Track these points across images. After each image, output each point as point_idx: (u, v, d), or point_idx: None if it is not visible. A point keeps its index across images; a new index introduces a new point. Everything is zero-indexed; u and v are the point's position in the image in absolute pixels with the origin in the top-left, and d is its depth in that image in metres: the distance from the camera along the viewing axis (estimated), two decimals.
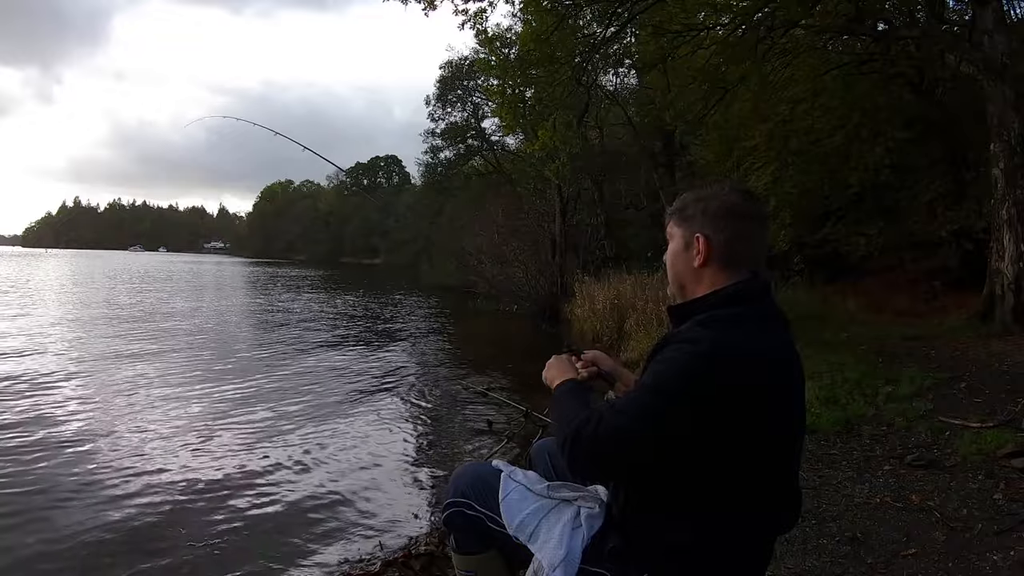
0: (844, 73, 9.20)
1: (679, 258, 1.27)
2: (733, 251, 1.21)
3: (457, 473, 1.53)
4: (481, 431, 5.55)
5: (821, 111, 9.13)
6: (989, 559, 2.27)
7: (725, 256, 1.21)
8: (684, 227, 1.26)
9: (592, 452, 1.11)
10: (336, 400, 6.59)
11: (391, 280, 33.48)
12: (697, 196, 1.27)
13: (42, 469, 4.30)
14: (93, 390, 6.61)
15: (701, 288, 1.23)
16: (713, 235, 1.22)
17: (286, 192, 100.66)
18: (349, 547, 3.35)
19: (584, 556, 1.23)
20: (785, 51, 8.48)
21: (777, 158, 9.38)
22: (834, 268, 10.74)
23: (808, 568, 2.32)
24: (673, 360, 1.10)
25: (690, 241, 1.24)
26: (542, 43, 8.56)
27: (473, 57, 24.51)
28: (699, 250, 1.22)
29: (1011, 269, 6.23)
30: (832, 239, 10.42)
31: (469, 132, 29.87)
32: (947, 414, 3.78)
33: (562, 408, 1.26)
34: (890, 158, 8.94)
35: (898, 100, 9.64)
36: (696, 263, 1.23)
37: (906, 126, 9.27)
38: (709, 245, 1.21)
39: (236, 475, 4.31)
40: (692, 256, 1.24)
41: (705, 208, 1.24)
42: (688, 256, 1.25)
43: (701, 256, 1.22)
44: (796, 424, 1.20)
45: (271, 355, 9.28)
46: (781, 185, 9.32)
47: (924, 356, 5.47)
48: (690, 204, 1.27)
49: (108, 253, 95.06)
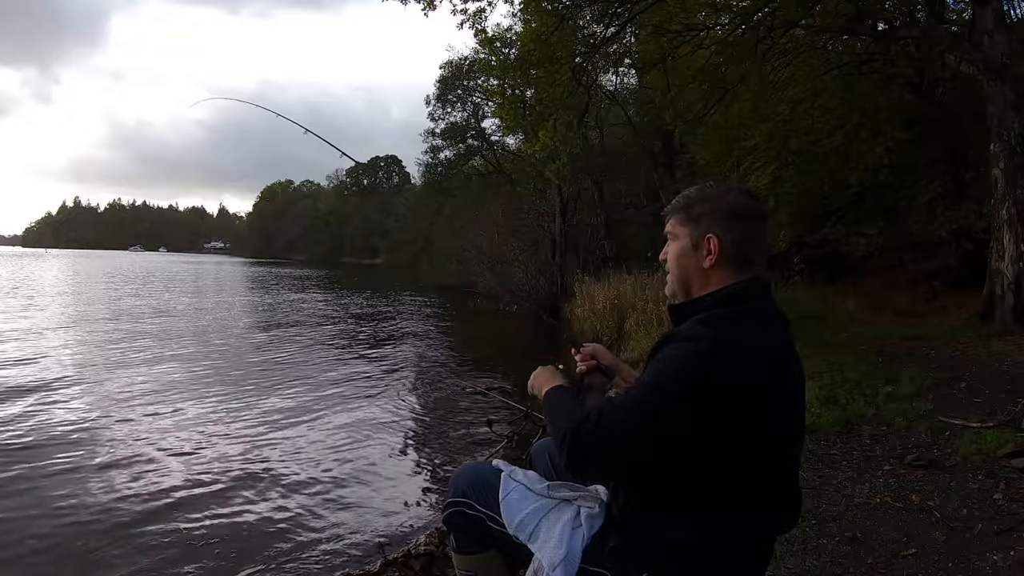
0: (844, 73, 9.20)
1: (687, 258, 1.25)
2: (741, 251, 1.20)
3: (457, 473, 1.53)
4: (481, 431, 5.55)
5: (821, 111, 9.13)
6: (989, 559, 2.26)
7: (733, 256, 1.20)
8: (692, 226, 1.24)
9: (592, 448, 1.10)
10: (335, 400, 6.59)
11: (391, 280, 33.47)
12: (704, 195, 1.25)
13: (42, 469, 4.30)
14: (94, 391, 6.61)
15: (706, 288, 1.22)
16: (723, 235, 1.20)
17: (286, 192, 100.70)
18: (349, 547, 3.35)
19: (584, 556, 1.22)
20: (785, 51, 8.48)
21: (777, 158, 9.38)
22: (834, 268, 10.74)
23: (808, 568, 2.32)
24: (673, 358, 1.10)
25: (699, 242, 1.22)
26: (542, 43, 8.57)
27: (473, 57, 24.54)
28: (710, 251, 1.21)
29: (1011, 269, 6.23)
30: (832, 239, 10.41)
31: (469, 132, 29.85)
32: (947, 414, 3.78)
33: (556, 408, 1.25)
34: (890, 158, 8.94)
35: (898, 100, 9.64)
36: (707, 264, 1.21)
37: (906, 126, 9.27)
38: (720, 245, 1.20)
39: (235, 475, 4.31)
40: (701, 256, 1.22)
41: (714, 208, 1.22)
42: (697, 256, 1.23)
43: (713, 257, 1.20)
44: (796, 424, 1.20)
45: (270, 355, 9.28)
46: (781, 185, 9.33)
47: (924, 356, 5.47)
48: (697, 203, 1.25)
49: (108, 253, 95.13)
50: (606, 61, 12.80)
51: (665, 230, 1.30)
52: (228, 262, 70.23)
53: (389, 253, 55.89)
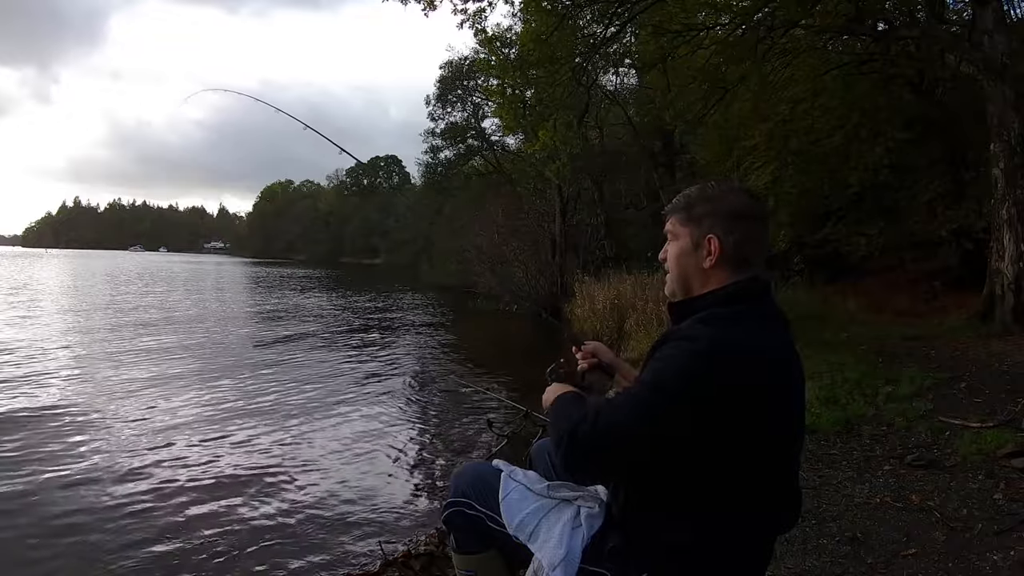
0: (844, 73, 9.20)
1: (688, 258, 1.25)
2: (741, 252, 1.20)
3: (457, 473, 1.53)
4: (481, 431, 5.55)
5: (821, 111, 9.13)
6: (989, 559, 2.26)
7: (734, 257, 1.20)
8: (692, 227, 1.24)
9: (589, 450, 1.09)
10: (335, 400, 6.59)
11: (391, 280, 33.46)
12: (705, 195, 1.25)
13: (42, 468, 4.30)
14: (92, 391, 6.62)
15: (707, 288, 1.22)
16: (724, 236, 1.20)
17: (286, 192, 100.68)
18: (349, 547, 3.35)
19: (584, 556, 1.22)
20: (785, 51, 8.48)
21: (777, 158, 9.38)
22: (834, 268, 10.74)
23: (808, 568, 2.32)
24: (672, 358, 1.09)
25: (700, 242, 1.23)
26: (542, 43, 8.57)
27: (473, 57, 24.53)
28: (710, 251, 1.21)
29: (1011, 269, 6.23)
30: (832, 239, 10.41)
31: (469, 132, 29.84)
32: (947, 414, 3.77)
33: (557, 411, 1.25)
34: (890, 158, 8.94)
35: (898, 100, 9.64)
36: (707, 264, 1.21)
37: (906, 126, 9.27)
38: (721, 246, 1.20)
39: (235, 474, 4.32)
40: (702, 257, 1.22)
41: (716, 209, 1.22)
42: (697, 256, 1.23)
43: (713, 257, 1.21)
44: (796, 424, 1.20)
45: (269, 355, 9.28)
46: (781, 185, 9.33)
47: (924, 356, 5.46)
48: (698, 203, 1.25)
49: (108, 253, 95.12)
50: (606, 61, 12.79)
51: (665, 229, 1.30)
52: (228, 262, 70.23)
53: (389, 253, 55.86)
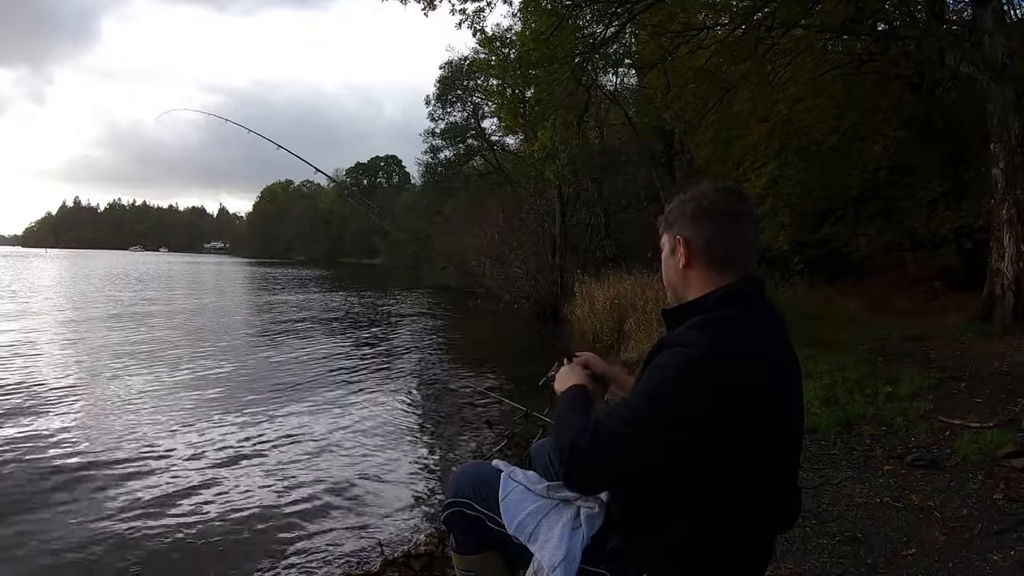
0: (844, 73, 9.20)
1: (667, 263, 1.28)
2: (714, 251, 1.20)
3: (457, 473, 1.53)
4: (481, 431, 5.55)
5: (821, 111, 9.13)
6: (989, 559, 2.26)
7: (707, 256, 1.20)
8: (668, 232, 1.27)
9: (588, 463, 1.10)
10: (335, 400, 6.59)
11: (391, 279, 33.49)
12: (680, 199, 1.27)
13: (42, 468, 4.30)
14: (91, 393, 6.61)
15: (691, 291, 1.22)
16: (692, 236, 1.21)
17: (286, 192, 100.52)
18: (349, 547, 3.35)
19: (584, 556, 1.22)
20: (785, 51, 8.49)
21: (777, 158, 9.38)
22: (834, 268, 10.74)
23: (808, 568, 2.31)
24: (668, 365, 1.09)
25: (674, 245, 1.25)
26: (542, 43, 8.57)
27: (473, 57, 24.52)
28: (680, 252, 1.22)
29: (1011, 269, 6.23)
30: (832, 239, 10.41)
31: (469, 132, 29.86)
32: (947, 414, 3.77)
33: (559, 418, 1.25)
34: (889, 158, 8.94)
35: (898, 100, 9.63)
36: (680, 265, 1.23)
37: (905, 126, 9.27)
38: (689, 246, 1.21)
39: (235, 474, 4.32)
40: (677, 259, 1.24)
41: (684, 210, 1.24)
42: (674, 260, 1.25)
43: (683, 258, 1.22)
44: (795, 424, 1.20)
45: (268, 355, 9.28)
46: (781, 185, 9.32)
47: (924, 356, 5.46)
48: (674, 208, 1.27)
49: (108, 253, 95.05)
50: (606, 61, 12.78)
51: None
52: (228, 262, 70.23)
53: (389, 253, 55.88)
